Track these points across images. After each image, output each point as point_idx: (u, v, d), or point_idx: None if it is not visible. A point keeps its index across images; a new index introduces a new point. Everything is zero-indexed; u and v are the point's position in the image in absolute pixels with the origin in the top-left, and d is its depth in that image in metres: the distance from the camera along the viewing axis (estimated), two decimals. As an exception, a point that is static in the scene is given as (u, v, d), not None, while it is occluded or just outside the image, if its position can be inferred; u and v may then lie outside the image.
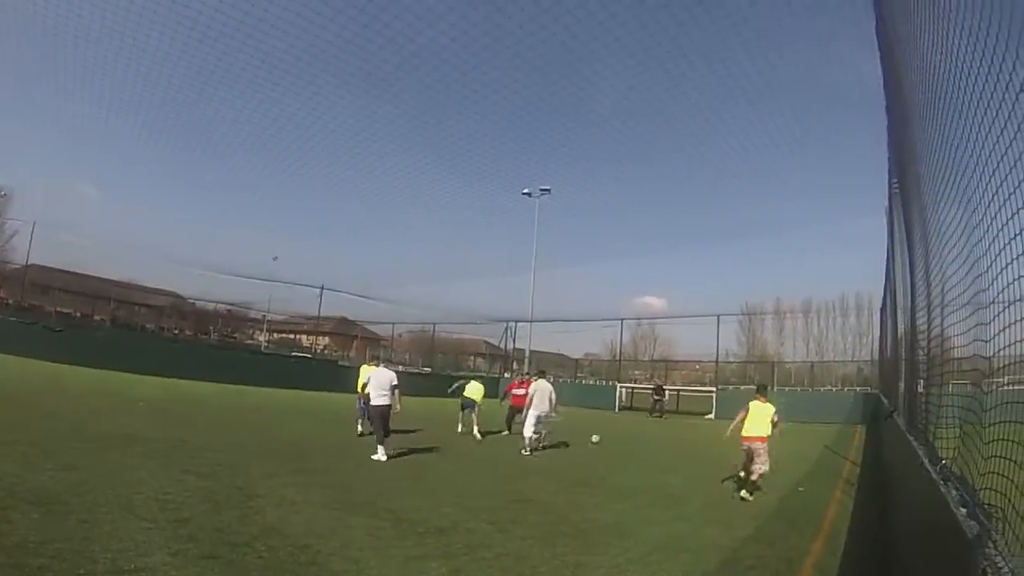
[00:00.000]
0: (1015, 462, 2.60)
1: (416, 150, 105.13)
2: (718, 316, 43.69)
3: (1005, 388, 2.95)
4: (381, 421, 13.69)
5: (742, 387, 48.49)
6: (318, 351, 65.21)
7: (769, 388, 15.67)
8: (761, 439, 12.34)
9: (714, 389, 40.98)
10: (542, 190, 54.68)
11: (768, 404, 12.99)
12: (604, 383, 50.62)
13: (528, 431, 16.93)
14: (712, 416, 37.53)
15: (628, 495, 11.29)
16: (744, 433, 12.67)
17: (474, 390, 20.97)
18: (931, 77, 4.60)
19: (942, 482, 4.02)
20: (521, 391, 19.99)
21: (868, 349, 66.25)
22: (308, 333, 73.32)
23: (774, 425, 12.68)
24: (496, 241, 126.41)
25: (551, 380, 19.45)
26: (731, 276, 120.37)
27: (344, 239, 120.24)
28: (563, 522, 8.86)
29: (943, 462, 4.41)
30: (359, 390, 16.72)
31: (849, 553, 8.10)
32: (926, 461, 4.96)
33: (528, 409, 17.41)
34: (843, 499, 11.87)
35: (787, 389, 42.24)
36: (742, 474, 12.50)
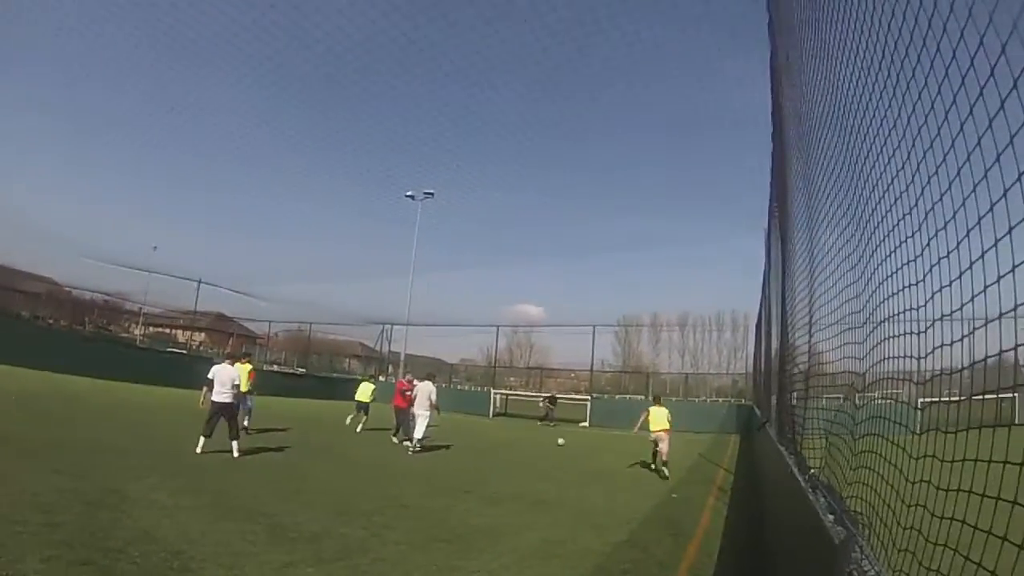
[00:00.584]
0: (880, 474, 2.65)
1: (304, 146, 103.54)
2: (594, 327, 44.21)
3: (876, 403, 3.04)
4: (215, 419, 13.57)
5: (617, 396, 49.41)
6: (194, 347, 62.90)
7: (659, 397, 21.68)
8: (664, 431, 17.03)
9: (589, 398, 41.37)
10: (425, 193, 54.66)
11: (663, 408, 17.82)
12: (479, 389, 50.62)
13: (419, 432, 17.85)
14: (586, 424, 38.01)
15: (503, 501, 11.23)
16: (652, 428, 17.21)
17: (364, 391, 23.14)
18: (813, 108, 4.82)
19: (811, 490, 4.07)
20: (409, 393, 20.35)
21: (743, 363, 69.06)
22: (184, 328, 70.69)
23: (670, 422, 17.38)
24: (376, 243, 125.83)
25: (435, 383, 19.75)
26: (609, 288, 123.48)
27: (225, 232, 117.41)
28: (438, 527, 8.75)
29: (811, 471, 4.47)
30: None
31: (723, 557, 8.23)
32: (795, 470, 5.04)
33: (412, 408, 18.59)
34: (717, 505, 12.06)
35: (661, 399, 43.31)
36: (653, 463, 17.21)
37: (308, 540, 7.44)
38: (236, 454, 13.14)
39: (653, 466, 17.00)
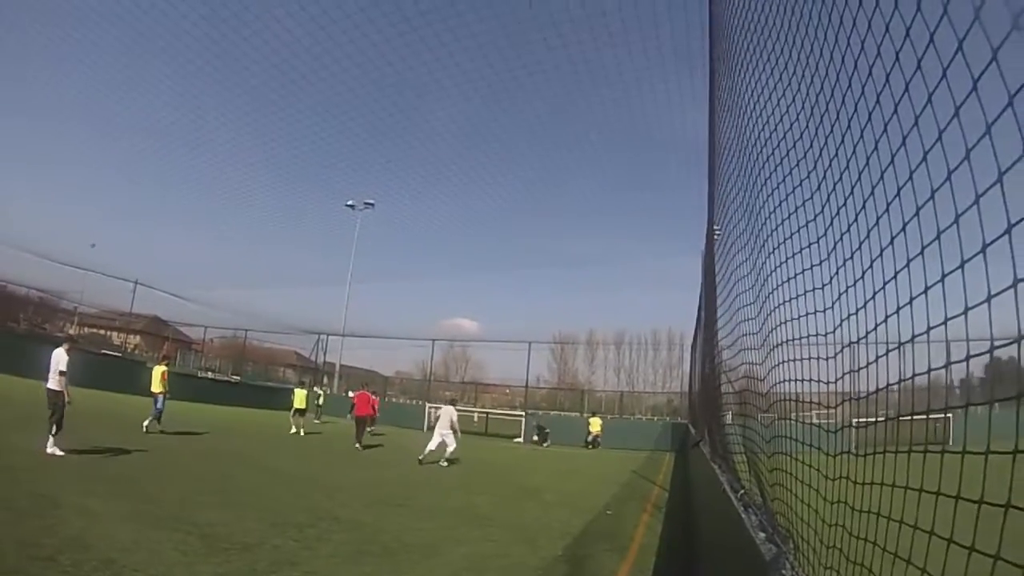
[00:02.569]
0: (794, 493, 2.77)
1: (246, 147, 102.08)
2: (530, 343, 44.37)
3: (779, 422, 3.23)
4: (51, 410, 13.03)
5: (552, 412, 49.53)
6: (128, 350, 61.17)
7: (592, 412, 27.90)
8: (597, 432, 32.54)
9: (523, 413, 41.31)
10: (366, 203, 54.43)
11: (597, 418, 34.33)
12: (414, 402, 50.31)
13: (452, 448, 20.38)
14: (520, 440, 37.92)
15: (436, 515, 11.16)
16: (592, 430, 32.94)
17: (299, 397, 25.37)
18: (733, 138, 5.12)
19: (743, 508, 4.13)
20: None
21: (678, 382, 69.85)
22: (119, 330, 68.74)
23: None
24: (314, 251, 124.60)
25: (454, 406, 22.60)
26: (545, 305, 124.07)
27: (164, 232, 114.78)
28: (370, 541, 8.68)
29: (742, 490, 4.55)
30: (151, 388, 18.83)
31: (657, 573, 8.28)
32: (727, 488, 5.11)
33: (436, 428, 20.96)
34: (651, 522, 12.10)
35: (596, 416, 43.49)
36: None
37: (241, 551, 7.35)
38: (49, 450, 12.34)
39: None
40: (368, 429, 25.19)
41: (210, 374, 50.32)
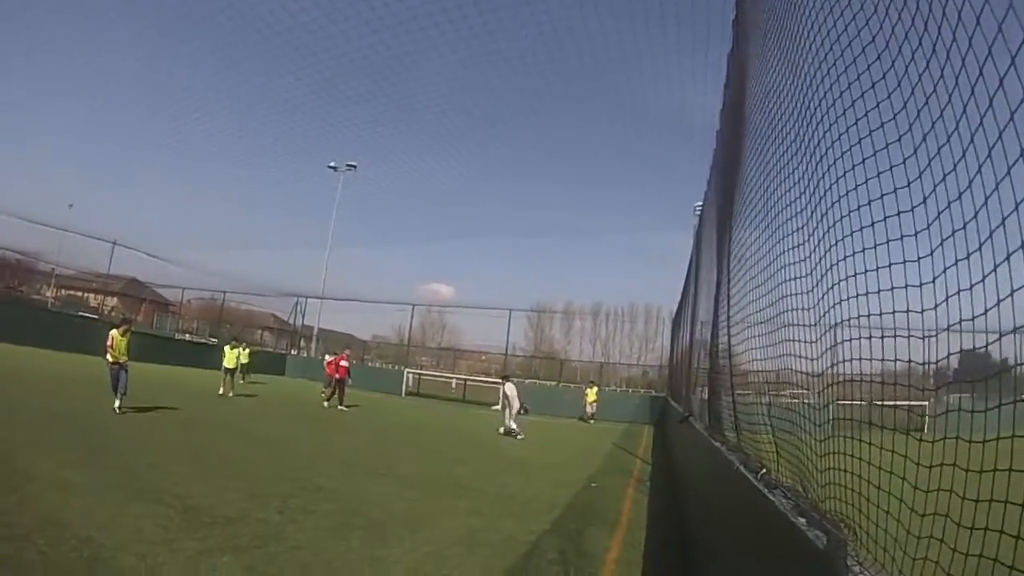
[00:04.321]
0: (861, 476, 2.54)
1: (230, 104, 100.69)
2: (510, 310, 44.23)
3: (841, 403, 2.98)
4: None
5: (527, 381, 49.44)
6: (106, 312, 60.29)
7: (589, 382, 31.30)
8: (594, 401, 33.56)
9: (501, 381, 40.86)
10: (348, 165, 53.77)
11: (594, 389, 34.68)
12: (392, 367, 50.02)
13: (515, 423, 22.02)
14: (498, 407, 37.73)
15: (420, 485, 10.98)
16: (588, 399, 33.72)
17: (229, 357, 24.88)
18: (761, 116, 4.86)
19: (767, 490, 3.92)
20: (345, 363, 25.78)
21: (654, 355, 70.06)
22: (97, 292, 67.71)
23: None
24: (293, 211, 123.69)
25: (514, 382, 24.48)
26: (522, 273, 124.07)
27: (141, 192, 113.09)
28: (356, 513, 8.49)
29: (763, 471, 4.34)
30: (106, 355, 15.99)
31: (650, 548, 8.18)
32: (742, 468, 4.90)
33: (505, 410, 22.82)
34: (637, 496, 12.04)
35: (572, 386, 43.43)
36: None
37: (223, 525, 7.11)
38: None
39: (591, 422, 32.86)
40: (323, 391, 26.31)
41: (187, 336, 49.80)
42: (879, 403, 2.32)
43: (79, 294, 65.29)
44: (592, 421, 33.70)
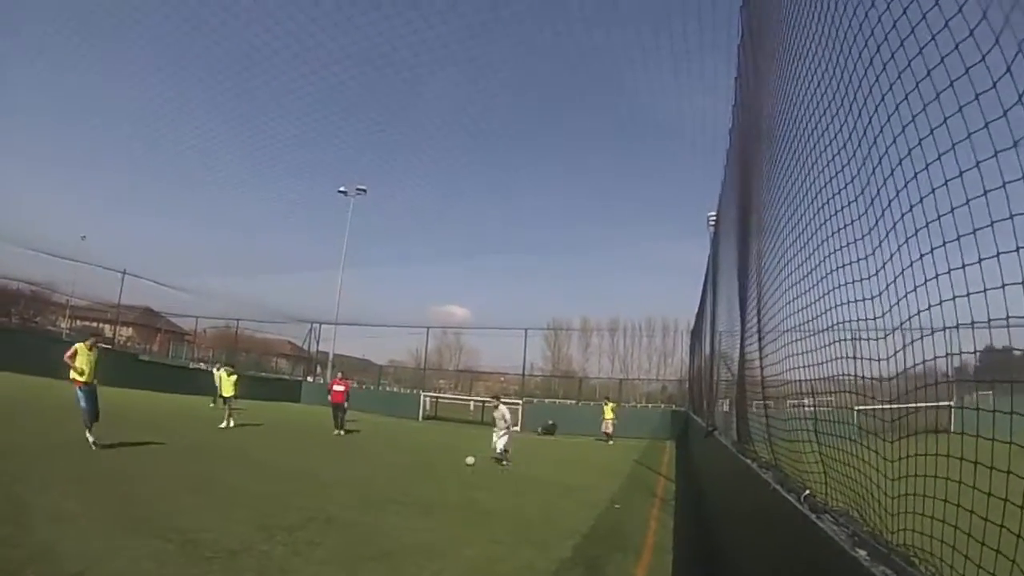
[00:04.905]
0: (955, 503, 2.06)
1: (236, 135, 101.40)
2: (526, 330, 43.52)
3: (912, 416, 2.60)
4: None
5: (546, 400, 48.77)
6: (121, 342, 60.18)
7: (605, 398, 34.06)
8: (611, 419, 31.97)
9: (520, 401, 40.32)
10: (358, 189, 53.60)
11: (611, 404, 33.06)
12: (408, 391, 49.48)
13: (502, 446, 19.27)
14: (518, 428, 37.08)
15: (436, 511, 10.55)
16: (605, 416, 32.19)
17: (227, 385, 23.63)
18: (796, 114, 4.53)
19: (813, 515, 3.47)
20: (339, 387, 24.33)
21: (673, 369, 69.31)
22: (111, 322, 67.65)
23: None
24: (306, 237, 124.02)
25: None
26: (536, 292, 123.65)
27: (150, 222, 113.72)
28: (367, 543, 8.06)
29: (807, 492, 3.88)
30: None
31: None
32: (779, 488, 4.44)
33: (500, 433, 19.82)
34: (662, 517, 11.54)
35: (592, 404, 42.69)
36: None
37: (224, 559, 6.72)
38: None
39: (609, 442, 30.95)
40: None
41: (202, 365, 49.49)
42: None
43: (94, 324, 65.20)
44: (611, 441, 31.74)
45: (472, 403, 44.21)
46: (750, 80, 7.92)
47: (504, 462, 18.46)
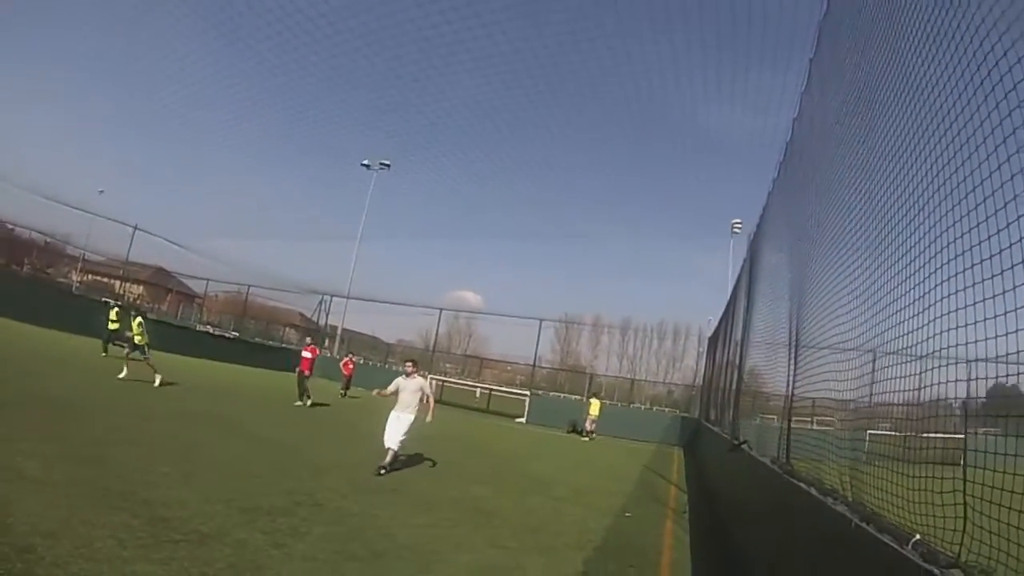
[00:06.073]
0: None
1: (267, 103, 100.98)
2: (540, 320, 42.54)
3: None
4: None
5: (552, 393, 47.92)
6: (130, 300, 59.75)
7: (593, 393, 32.16)
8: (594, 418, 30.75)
9: (528, 393, 39.57)
10: (382, 164, 52.89)
11: (597, 401, 31.62)
12: (417, 373, 48.50)
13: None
14: (523, 420, 36.24)
15: (434, 506, 9.70)
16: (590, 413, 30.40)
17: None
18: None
19: (931, 566, 2.66)
20: (307, 354, 22.43)
21: (680, 374, 68.61)
22: (123, 279, 67.17)
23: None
24: (325, 208, 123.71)
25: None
26: (550, 284, 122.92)
27: (168, 181, 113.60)
28: (355, 538, 7.24)
29: (915, 539, 3.06)
30: None
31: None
32: (867, 527, 3.59)
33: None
34: (676, 531, 10.70)
35: (596, 398, 41.94)
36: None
37: (193, 544, 5.89)
38: None
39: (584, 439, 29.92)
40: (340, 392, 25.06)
41: (209, 328, 48.96)
42: None
43: (105, 280, 64.59)
44: (590, 438, 30.93)
45: (478, 390, 43.43)
46: (816, 95, 7.74)
47: (381, 471, 11.69)
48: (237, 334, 48.69)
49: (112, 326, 24.66)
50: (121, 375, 17.61)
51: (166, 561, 5.32)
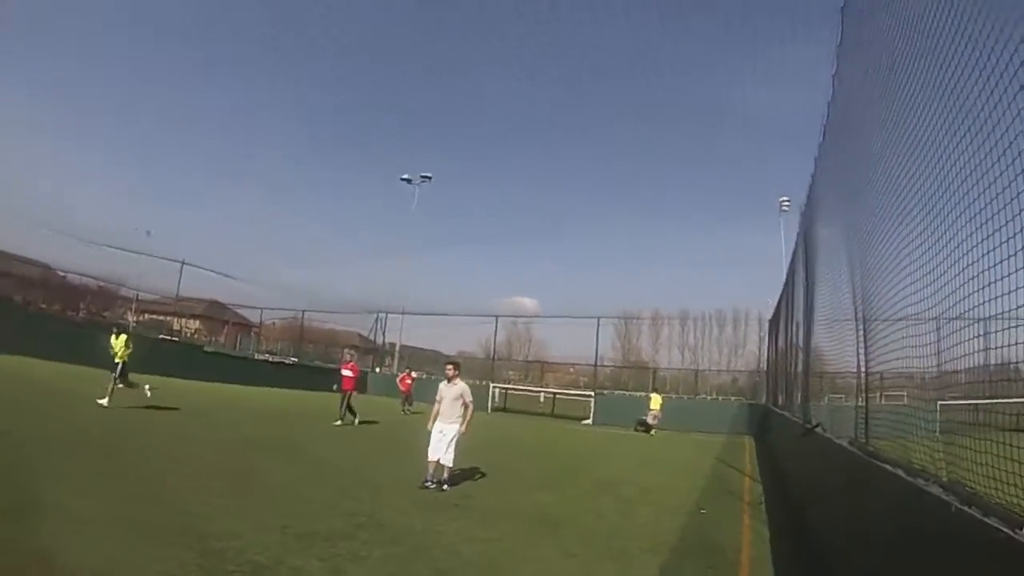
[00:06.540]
0: None
1: (297, 122, 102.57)
2: (598, 318, 41.98)
3: None
4: None
5: (616, 392, 47.44)
6: (188, 335, 60.82)
7: (654, 388, 31.22)
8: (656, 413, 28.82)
9: (592, 393, 39.19)
10: (423, 177, 53.04)
11: (657, 395, 29.60)
12: (478, 382, 48.67)
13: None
14: (590, 422, 35.80)
15: (497, 519, 9.34)
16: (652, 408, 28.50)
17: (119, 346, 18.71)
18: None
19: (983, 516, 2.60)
20: (347, 373, 21.96)
21: (743, 361, 67.58)
22: (179, 315, 68.40)
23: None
24: (372, 227, 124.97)
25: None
26: (604, 283, 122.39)
27: (216, 217, 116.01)
28: (419, 557, 6.92)
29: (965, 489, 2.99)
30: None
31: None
32: (971, 511, 3.18)
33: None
34: (754, 525, 10.24)
35: (657, 392, 41.43)
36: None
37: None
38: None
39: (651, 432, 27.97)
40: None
41: (268, 356, 49.49)
42: None
43: (161, 318, 65.87)
44: (653, 432, 30.19)
45: (542, 394, 43.22)
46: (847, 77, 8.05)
47: (444, 486, 11.39)
48: (296, 360, 49.10)
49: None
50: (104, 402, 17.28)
51: (218, 595, 5.10)
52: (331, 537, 7.28)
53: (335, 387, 22.65)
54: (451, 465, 11.73)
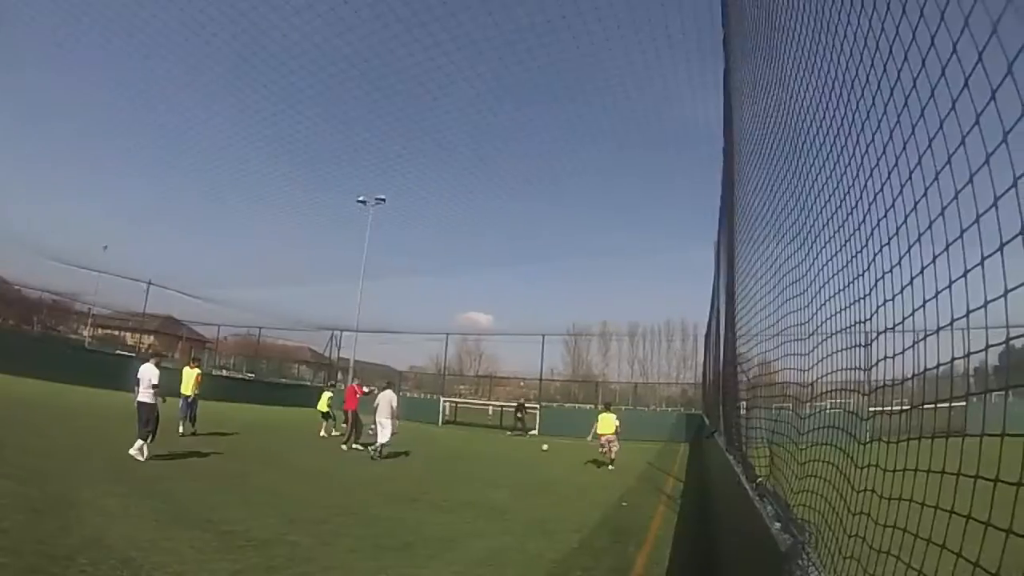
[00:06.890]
0: (828, 481, 2.66)
1: (257, 146, 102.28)
2: (543, 335, 43.86)
3: (823, 412, 3.06)
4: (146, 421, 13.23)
5: (566, 405, 49.16)
6: (143, 350, 61.25)
7: (609, 404, 25.20)
8: (612, 434, 20.46)
9: (538, 406, 40.88)
10: (377, 199, 53.81)
11: (611, 413, 21.31)
12: (429, 396, 50.03)
13: (383, 438, 18.10)
14: (536, 432, 37.52)
15: (454, 509, 11.22)
16: (601, 432, 20.59)
17: (322, 402, 24.62)
18: (767, 126, 4.94)
19: (758, 498, 4.11)
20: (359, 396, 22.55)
21: (692, 372, 69.44)
22: (133, 331, 68.50)
23: (617, 427, 20.73)
24: (327, 246, 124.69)
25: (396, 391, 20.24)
26: (558, 298, 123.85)
27: (174, 234, 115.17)
28: (388, 535, 8.73)
29: (759, 479, 4.50)
30: (182, 391, 18.05)
31: (674, 564, 8.28)
32: (743, 478, 5.06)
33: (375, 416, 18.70)
34: (667, 513, 12.14)
35: (611, 407, 43.12)
36: (606, 459, 20.28)
37: (257, 548, 7.40)
38: (141, 456, 12.69)
39: (609, 467, 19.72)
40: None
41: (224, 372, 50.38)
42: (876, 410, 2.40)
43: (116, 333, 66.09)
44: (611, 466, 20.05)
45: (491, 408, 44.73)
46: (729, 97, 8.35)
47: (372, 454, 17.66)
48: (253, 375, 50.09)
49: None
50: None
51: (237, 560, 6.80)
52: (316, 521, 9.09)
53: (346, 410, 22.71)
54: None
